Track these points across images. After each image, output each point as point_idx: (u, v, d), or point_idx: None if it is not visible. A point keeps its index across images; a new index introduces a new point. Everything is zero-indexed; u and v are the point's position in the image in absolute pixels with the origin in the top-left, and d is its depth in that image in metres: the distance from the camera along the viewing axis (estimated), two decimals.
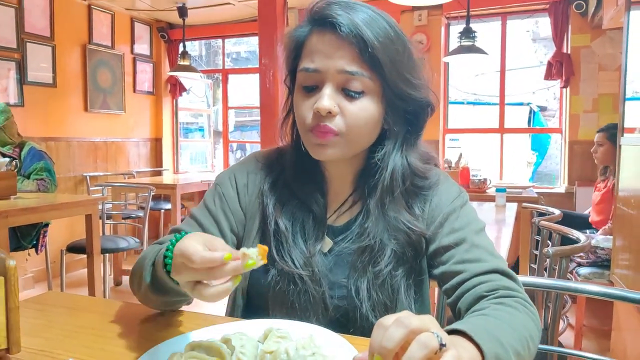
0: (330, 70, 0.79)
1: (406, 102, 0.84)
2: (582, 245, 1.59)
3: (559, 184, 4.45)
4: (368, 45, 0.77)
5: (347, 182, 0.92)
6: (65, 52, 4.37)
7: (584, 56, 4.08)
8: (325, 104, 0.78)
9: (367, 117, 0.81)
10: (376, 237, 0.84)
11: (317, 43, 0.81)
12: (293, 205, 0.90)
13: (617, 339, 2.55)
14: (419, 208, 0.87)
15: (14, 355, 0.71)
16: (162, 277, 0.73)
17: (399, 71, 0.81)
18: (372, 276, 0.83)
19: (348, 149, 0.83)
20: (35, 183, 3.06)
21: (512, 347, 0.62)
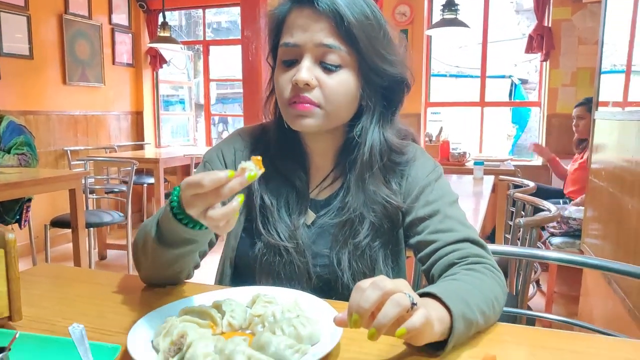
0: (309, 44, 0.83)
1: (381, 77, 0.87)
2: (552, 216, 1.67)
3: (536, 156, 4.56)
4: (344, 20, 0.81)
5: (328, 158, 0.96)
6: (40, 23, 4.26)
7: (564, 29, 4.13)
8: (304, 76, 0.82)
9: (344, 90, 0.85)
10: (356, 211, 0.89)
11: (295, 18, 0.84)
12: (277, 180, 0.94)
13: (584, 304, 2.69)
14: (396, 183, 0.92)
15: (16, 323, 0.75)
16: (171, 226, 0.75)
17: (374, 46, 0.84)
18: (353, 248, 0.89)
19: (326, 120, 0.86)
20: (16, 158, 3.04)
21: (478, 307, 0.69)
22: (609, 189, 2.26)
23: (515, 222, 1.75)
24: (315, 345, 0.67)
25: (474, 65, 4.84)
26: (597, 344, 0.72)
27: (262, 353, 0.62)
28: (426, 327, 0.58)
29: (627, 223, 1.96)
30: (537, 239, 1.65)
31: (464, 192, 2.69)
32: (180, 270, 0.88)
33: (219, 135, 8.37)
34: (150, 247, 0.82)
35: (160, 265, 0.85)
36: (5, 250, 0.73)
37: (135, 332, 0.67)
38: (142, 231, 0.86)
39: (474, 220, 1.97)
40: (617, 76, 2.47)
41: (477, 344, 0.70)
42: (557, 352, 0.67)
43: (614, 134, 2.28)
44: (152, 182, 4.72)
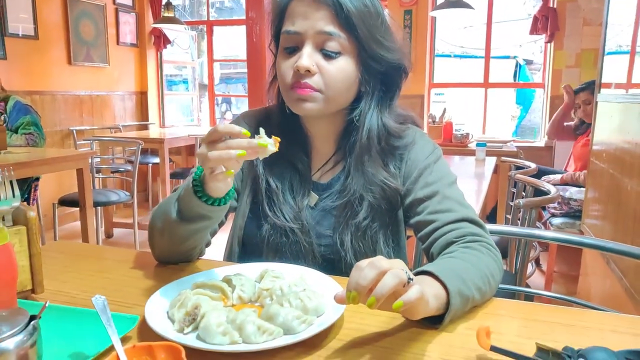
0: (309, 32, 0.86)
1: (379, 62, 0.91)
2: (551, 197, 1.71)
3: (539, 138, 4.57)
4: (344, 8, 0.84)
5: (330, 142, 1.00)
6: (45, 3, 4.26)
7: (569, 10, 4.10)
8: (305, 63, 0.85)
9: (344, 76, 0.88)
10: (356, 193, 0.93)
11: (296, 6, 0.88)
12: (281, 164, 0.98)
13: (583, 283, 2.74)
14: (394, 166, 0.96)
15: (38, 295, 0.80)
16: (190, 202, 0.81)
17: (372, 33, 0.88)
18: (354, 228, 0.93)
19: (326, 105, 0.90)
20: (24, 137, 3.08)
21: (474, 283, 0.73)
22: (610, 171, 2.29)
23: (515, 202, 1.78)
24: (320, 316, 0.71)
25: (479, 46, 4.81)
26: (588, 317, 0.76)
27: (271, 323, 0.66)
28: (421, 301, 0.62)
29: (626, 204, 2.00)
30: (537, 220, 1.69)
31: (466, 173, 2.72)
32: (194, 246, 0.93)
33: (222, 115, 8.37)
34: (168, 222, 0.86)
35: (176, 241, 0.89)
36: (27, 227, 0.77)
37: (151, 304, 0.72)
38: (161, 209, 0.90)
39: (475, 201, 2.00)
40: (622, 57, 2.47)
41: (473, 317, 0.74)
42: (548, 325, 0.72)
43: (616, 116, 2.30)
44: (157, 162, 4.76)
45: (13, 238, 0.74)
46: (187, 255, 0.95)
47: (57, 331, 0.65)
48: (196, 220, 0.84)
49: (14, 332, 0.53)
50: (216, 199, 0.81)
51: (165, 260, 0.96)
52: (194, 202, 0.81)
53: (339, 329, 0.70)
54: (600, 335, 0.69)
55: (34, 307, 0.66)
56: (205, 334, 0.64)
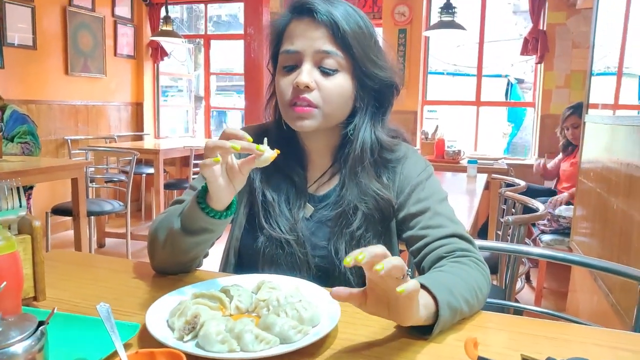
0: (308, 50, 0.91)
1: (373, 80, 0.95)
2: (540, 214, 1.75)
3: (530, 155, 4.64)
4: (340, 29, 0.89)
5: (326, 155, 1.04)
6: (45, 14, 4.30)
7: (559, 33, 4.20)
8: (304, 79, 0.89)
9: (341, 92, 0.93)
10: (350, 203, 0.97)
11: (296, 28, 0.93)
12: (277, 177, 1.02)
13: (572, 299, 2.78)
14: (387, 178, 1.00)
15: (40, 303, 0.82)
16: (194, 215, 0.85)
17: (366, 53, 0.93)
18: (349, 237, 0.97)
19: (324, 120, 0.94)
20: (19, 146, 3.09)
21: (462, 295, 0.76)
22: (597, 190, 2.34)
23: (504, 219, 1.82)
24: (315, 327, 0.74)
25: (472, 64, 4.91)
26: (571, 331, 0.79)
27: (268, 333, 0.69)
28: (415, 296, 0.65)
29: (612, 222, 2.05)
30: (525, 236, 1.73)
31: (457, 190, 2.77)
32: (194, 258, 0.95)
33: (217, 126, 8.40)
34: (171, 234, 0.89)
35: (177, 252, 0.92)
36: (32, 236, 0.79)
37: (152, 313, 0.74)
38: (163, 220, 0.93)
39: (466, 217, 2.04)
40: (609, 79, 2.54)
41: (462, 329, 0.77)
42: (534, 338, 0.75)
43: (603, 136, 2.36)
44: (151, 172, 4.77)
45: (18, 247, 0.76)
46: (186, 267, 0.97)
47: (62, 337, 0.68)
48: (199, 232, 0.87)
49: (23, 337, 0.55)
50: (218, 212, 0.84)
51: (164, 270, 0.98)
52: (197, 215, 0.84)
53: (334, 338, 0.72)
54: (583, 348, 0.72)
55: (38, 314, 0.68)
56: (205, 342, 0.66)
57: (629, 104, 2.35)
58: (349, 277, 0.96)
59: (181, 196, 1.05)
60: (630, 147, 1.91)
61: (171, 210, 0.95)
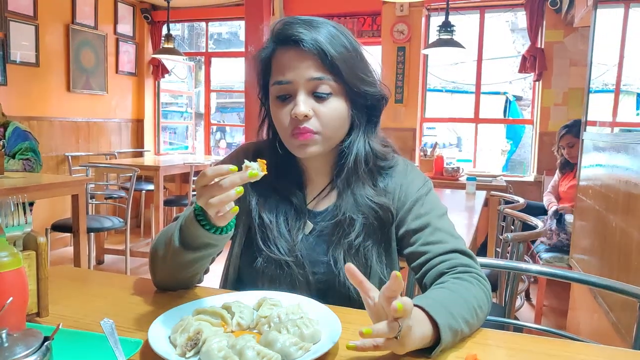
0: (300, 80, 0.92)
1: (364, 97, 0.97)
2: (538, 232, 1.76)
3: (528, 172, 4.66)
4: (327, 55, 0.91)
5: (324, 173, 1.05)
6: (48, 32, 4.36)
7: (556, 51, 4.26)
8: (302, 110, 0.91)
9: (337, 115, 0.94)
10: (347, 213, 0.98)
11: (283, 58, 0.93)
12: (275, 199, 1.02)
13: (572, 317, 2.77)
14: (382, 184, 1.01)
15: (43, 319, 0.83)
16: (193, 231, 0.85)
17: (355, 72, 0.94)
18: (347, 247, 0.97)
19: (326, 144, 0.96)
20: (21, 163, 3.11)
21: (462, 316, 0.77)
22: (596, 207, 2.35)
23: (502, 237, 1.83)
24: (316, 343, 0.74)
25: (470, 81, 4.95)
26: (570, 348, 0.80)
27: (270, 349, 0.69)
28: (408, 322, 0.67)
29: (611, 240, 2.05)
30: (524, 253, 1.73)
31: (457, 207, 2.78)
32: (195, 273, 0.96)
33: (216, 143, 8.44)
34: (172, 251, 0.90)
35: (178, 268, 0.92)
36: (37, 253, 0.80)
37: (154, 329, 0.75)
38: (163, 236, 0.94)
39: (466, 234, 2.05)
40: (607, 96, 2.57)
41: (462, 346, 0.77)
42: (533, 355, 0.75)
43: (601, 154, 2.38)
44: (151, 189, 4.78)
45: (23, 263, 0.77)
46: (188, 282, 0.97)
47: (67, 353, 0.68)
48: (201, 248, 0.88)
49: (29, 353, 0.56)
50: (220, 228, 0.85)
51: (166, 286, 0.98)
52: (199, 232, 0.84)
53: (334, 356, 0.73)
54: None
55: (42, 329, 0.69)
56: (207, 358, 0.67)
57: (627, 122, 2.37)
58: (349, 287, 0.96)
59: (183, 213, 1.06)
60: (628, 165, 1.93)
61: (171, 226, 0.95)
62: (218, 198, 0.76)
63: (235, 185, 0.76)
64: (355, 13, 4.89)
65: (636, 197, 1.78)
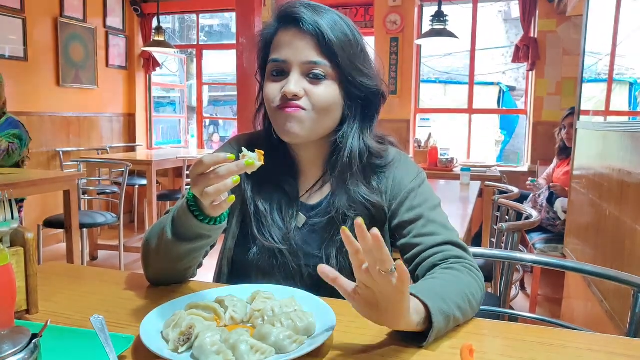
0: (295, 60, 0.91)
1: (359, 89, 0.96)
2: (533, 221, 1.76)
3: (522, 162, 4.68)
4: (326, 38, 0.90)
5: (317, 165, 1.03)
6: (36, 25, 4.30)
7: (549, 41, 4.25)
8: (292, 88, 0.90)
9: (328, 99, 0.93)
10: (340, 210, 0.97)
11: (283, 37, 0.93)
12: (269, 187, 1.01)
13: (566, 306, 2.79)
14: (376, 183, 1.00)
15: (33, 316, 0.81)
16: (186, 221, 0.84)
17: (352, 61, 0.93)
18: (340, 244, 0.96)
19: (312, 124, 0.93)
20: (7, 143, 3.03)
21: (454, 301, 0.76)
22: (589, 196, 2.36)
23: (497, 226, 1.83)
24: (311, 336, 0.73)
25: (464, 72, 4.95)
26: (565, 337, 0.79)
27: (263, 343, 0.68)
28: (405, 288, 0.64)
29: (604, 228, 2.06)
30: (519, 243, 1.74)
31: (451, 197, 2.78)
32: (190, 266, 0.95)
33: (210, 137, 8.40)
34: (164, 242, 0.88)
35: (171, 260, 0.91)
36: (24, 249, 0.79)
37: (146, 324, 0.73)
38: (156, 229, 0.93)
39: (460, 225, 2.05)
40: (600, 85, 2.57)
41: (457, 336, 0.77)
42: (529, 344, 0.75)
43: (595, 142, 2.38)
44: (144, 184, 4.75)
45: (11, 259, 0.76)
46: (181, 275, 0.96)
47: (56, 350, 0.67)
48: (195, 239, 0.87)
49: (16, 351, 0.55)
50: (213, 218, 0.83)
51: (159, 280, 0.97)
52: (192, 222, 0.83)
53: (329, 348, 0.72)
54: (578, 354, 0.73)
55: (31, 327, 0.68)
56: (200, 353, 0.66)
57: (620, 110, 2.38)
58: None
59: (175, 205, 1.05)
60: (621, 153, 1.93)
61: (163, 218, 0.94)
62: (215, 187, 0.74)
63: (232, 174, 0.75)
64: (348, 4, 4.86)
65: (629, 186, 1.78)
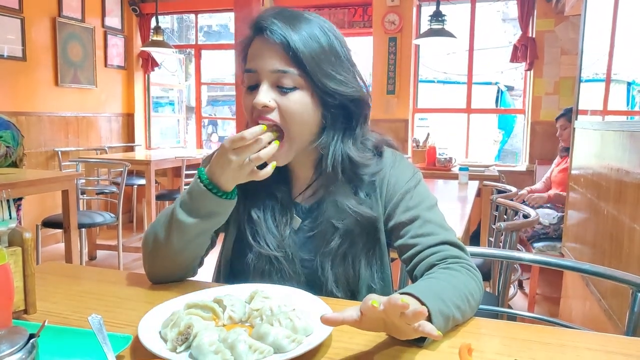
0: (264, 70, 0.90)
1: (332, 96, 0.93)
2: (530, 221, 1.76)
3: (520, 162, 4.68)
4: (291, 46, 0.88)
5: (308, 168, 1.02)
6: (34, 25, 4.29)
7: (547, 40, 4.26)
8: (261, 99, 0.89)
9: (300, 109, 0.91)
10: (328, 221, 0.96)
11: (254, 47, 0.93)
12: (261, 195, 1.01)
13: (564, 305, 2.79)
14: (365, 194, 0.98)
15: (31, 316, 0.81)
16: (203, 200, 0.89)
17: (321, 68, 0.91)
18: (333, 254, 0.96)
19: (291, 141, 0.92)
20: (4, 148, 3.03)
21: (453, 302, 0.76)
22: (587, 195, 2.36)
23: (495, 226, 1.83)
24: (309, 335, 0.73)
25: (462, 72, 4.95)
26: (564, 336, 0.80)
27: (262, 342, 0.68)
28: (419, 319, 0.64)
29: (603, 227, 2.06)
30: (517, 242, 1.74)
31: (449, 197, 2.78)
32: (194, 256, 0.96)
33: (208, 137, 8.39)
34: (175, 226, 0.90)
35: (179, 247, 0.92)
36: (22, 249, 0.79)
37: (144, 324, 0.73)
38: (162, 219, 0.94)
39: (458, 224, 2.05)
40: (598, 85, 2.58)
41: (455, 335, 0.77)
42: (527, 343, 0.75)
43: (592, 142, 2.38)
44: (142, 184, 4.74)
45: (9, 259, 0.76)
46: (184, 268, 0.97)
47: (54, 350, 0.67)
48: (209, 216, 0.90)
49: (13, 351, 0.55)
50: (226, 193, 0.89)
51: (161, 275, 0.97)
52: (208, 197, 0.88)
53: (328, 347, 0.72)
54: (576, 353, 0.73)
55: (29, 327, 0.67)
56: (198, 353, 0.66)
57: (617, 110, 2.38)
58: (336, 294, 0.96)
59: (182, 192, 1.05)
60: (619, 153, 1.93)
61: (165, 211, 0.95)
62: (265, 152, 0.85)
63: (272, 139, 0.85)
64: (346, 4, 4.86)
65: (627, 185, 1.78)
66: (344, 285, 0.97)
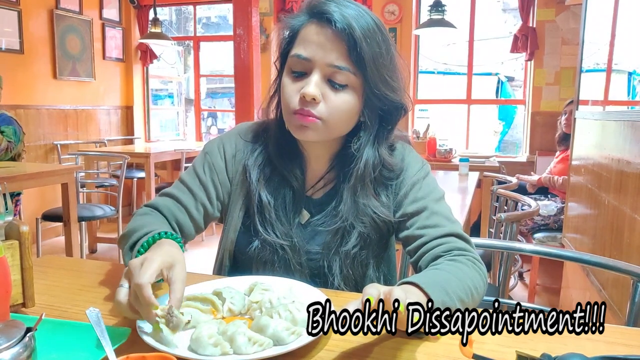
0: (320, 61, 0.87)
1: (382, 101, 0.92)
2: (531, 211, 1.75)
3: (521, 153, 4.67)
4: (357, 45, 0.85)
5: (324, 161, 1.01)
6: (31, 17, 4.26)
7: (548, 30, 4.23)
8: (312, 91, 0.86)
9: (346, 109, 0.90)
10: (347, 220, 0.95)
11: (311, 34, 0.88)
12: (275, 179, 0.99)
13: (565, 295, 2.80)
14: (385, 196, 0.98)
15: (29, 309, 0.81)
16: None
17: (380, 73, 0.89)
18: (344, 255, 0.95)
19: (327, 133, 0.92)
20: (6, 142, 3.03)
21: (457, 295, 0.76)
22: (588, 185, 2.36)
23: (496, 217, 1.83)
24: None
25: (462, 63, 4.92)
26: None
27: (261, 335, 0.68)
28: None
29: (603, 218, 2.06)
30: (517, 233, 1.74)
31: (450, 188, 2.77)
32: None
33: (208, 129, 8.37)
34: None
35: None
36: (20, 242, 0.78)
37: None
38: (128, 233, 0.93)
39: (459, 215, 2.05)
40: (599, 75, 2.56)
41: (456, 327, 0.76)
42: (528, 334, 0.74)
43: (593, 132, 2.37)
44: (142, 176, 4.74)
45: (5, 252, 0.75)
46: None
47: (52, 343, 0.66)
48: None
49: (11, 344, 0.54)
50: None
51: None
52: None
53: (328, 339, 0.72)
54: (577, 343, 0.72)
55: (27, 320, 0.67)
56: (197, 346, 0.66)
57: (618, 100, 2.37)
58: (343, 288, 0.96)
59: (170, 188, 1.04)
60: (620, 143, 1.92)
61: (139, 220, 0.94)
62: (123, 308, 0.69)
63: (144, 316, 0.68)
64: None
65: (628, 175, 1.78)
66: (352, 285, 0.97)
